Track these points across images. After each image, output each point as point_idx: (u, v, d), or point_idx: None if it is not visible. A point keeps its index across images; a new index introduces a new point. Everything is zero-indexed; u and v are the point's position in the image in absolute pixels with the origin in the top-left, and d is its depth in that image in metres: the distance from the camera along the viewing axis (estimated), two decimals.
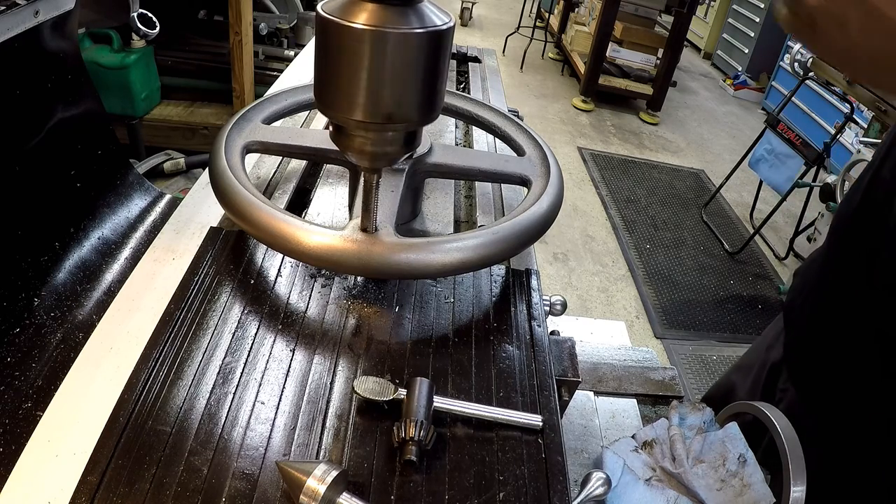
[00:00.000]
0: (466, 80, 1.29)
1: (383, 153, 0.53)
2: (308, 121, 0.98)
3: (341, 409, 0.51)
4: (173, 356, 0.53)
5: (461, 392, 0.54)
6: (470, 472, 0.47)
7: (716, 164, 4.46)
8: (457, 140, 1.03)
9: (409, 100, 0.50)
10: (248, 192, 0.60)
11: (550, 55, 6.20)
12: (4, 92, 0.81)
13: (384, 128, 0.51)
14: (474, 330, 0.60)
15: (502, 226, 0.60)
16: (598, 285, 2.95)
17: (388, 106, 0.49)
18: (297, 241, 0.56)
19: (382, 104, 0.49)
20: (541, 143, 0.77)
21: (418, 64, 0.48)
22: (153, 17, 1.42)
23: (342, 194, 0.80)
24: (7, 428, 0.63)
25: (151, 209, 1.06)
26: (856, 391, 0.83)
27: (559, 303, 0.69)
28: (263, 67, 2.89)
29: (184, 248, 0.69)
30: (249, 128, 0.73)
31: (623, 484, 0.64)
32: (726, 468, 0.69)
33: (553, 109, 4.99)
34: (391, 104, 0.49)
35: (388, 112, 0.49)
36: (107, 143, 1.02)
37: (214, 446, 0.46)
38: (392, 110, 0.49)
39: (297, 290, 0.62)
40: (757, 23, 5.94)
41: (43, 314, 0.80)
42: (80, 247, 0.91)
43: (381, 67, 0.47)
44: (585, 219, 3.50)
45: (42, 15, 0.83)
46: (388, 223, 0.59)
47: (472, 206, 0.83)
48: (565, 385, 0.62)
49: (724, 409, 0.79)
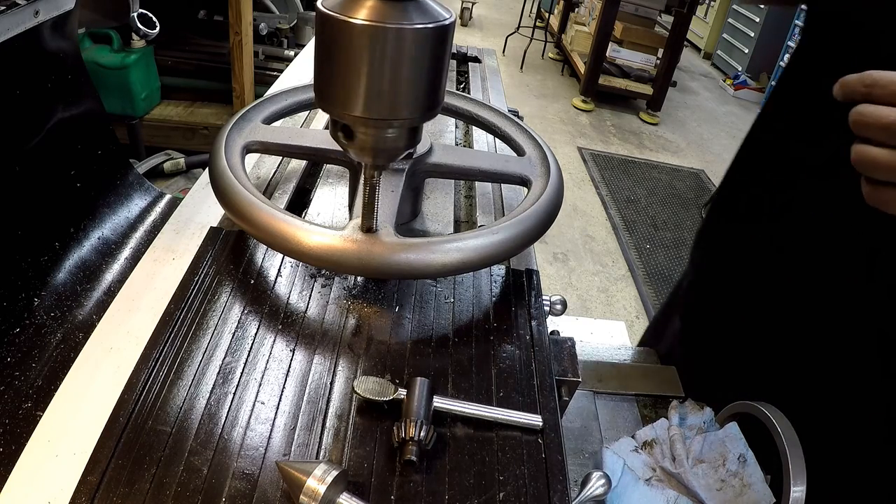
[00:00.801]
0: (466, 80, 1.29)
1: (385, 150, 0.53)
2: (308, 121, 0.98)
3: (341, 409, 0.51)
4: (173, 356, 0.53)
5: (461, 392, 0.54)
6: (470, 472, 0.47)
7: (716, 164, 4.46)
8: (457, 140, 1.03)
9: (410, 96, 0.49)
10: (248, 192, 0.60)
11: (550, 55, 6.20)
12: (4, 92, 0.81)
13: (385, 124, 0.51)
14: (474, 330, 0.60)
15: (502, 226, 0.60)
16: (598, 285, 2.95)
17: (389, 102, 0.49)
18: (297, 241, 0.56)
19: (383, 100, 0.49)
20: (541, 143, 0.77)
21: (419, 59, 0.48)
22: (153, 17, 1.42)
23: (342, 194, 0.80)
24: (7, 428, 0.63)
25: (151, 209, 1.06)
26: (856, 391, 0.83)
27: (559, 303, 0.69)
28: (263, 67, 2.89)
29: (184, 248, 0.69)
30: (249, 128, 0.73)
31: (623, 484, 0.64)
32: (726, 468, 0.69)
33: (553, 109, 4.99)
34: (392, 100, 0.49)
35: (390, 108, 0.49)
36: (107, 143, 1.02)
37: (214, 446, 0.46)
38: (393, 106, 0.49)
39: (297, 290, 0.62)
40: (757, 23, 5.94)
41: (43, 314, 0.80)
42: (80, 247, 0.91)
43: (382, 63, 0.47)
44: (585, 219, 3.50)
45: (42, 15, 0.83)
46: (388, 223, 0.59)
47: (472, 206, 0.83)
48: (565, 385, 0.62)
49: (725, 409, 0.79)
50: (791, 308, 0.83)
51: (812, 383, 0.85)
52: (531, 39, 5.66)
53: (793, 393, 0.83)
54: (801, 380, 0.86)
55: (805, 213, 0.76)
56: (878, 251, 0.73)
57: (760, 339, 0.88)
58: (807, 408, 0.78)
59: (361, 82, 0.48)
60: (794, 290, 0.81)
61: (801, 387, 0.85)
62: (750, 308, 0.88)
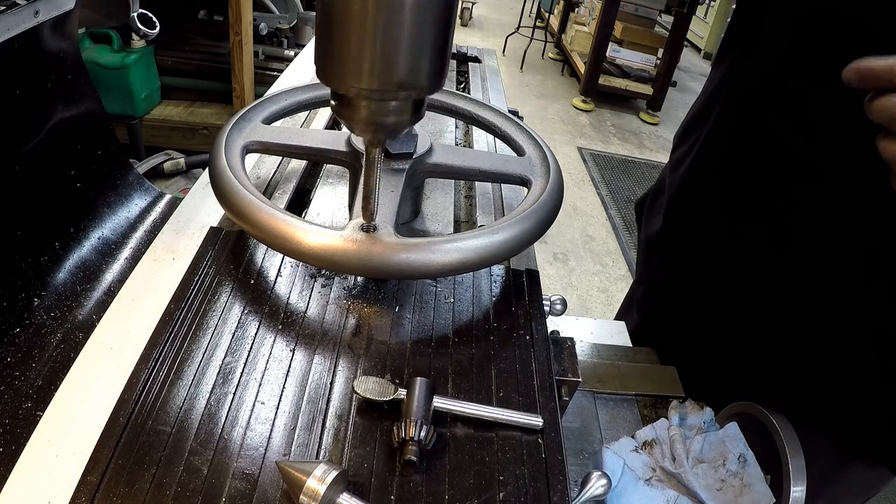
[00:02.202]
0: (466, 80, 1.29)
1: (387, 125, 0.51)
2: (308, 121, 0.98)
3: (341, 409, 0.51)
4: (173, 356, 0.53)
5: (461, 392, 0.54)
6: (470, 472, 0.47)
7: None
8: (457, 140, 1.03)
9: (413, 65, 0.47)
10: (248, 192, 0.60)
11: (550, 55, 6.20)
12: (4, 92, 0.81)
13: (389, 96, 0.48)
14: (474, 330, 0.60)
15: (502, 226, 0.60)
16: (598, 285, 2.95)
17: (392, 72, 0.47)
18: (297, 241, 0.56)
19: (386, 70, 0.46)
20: (541, 143, 0.77)
21: (423, 25, 0.46)
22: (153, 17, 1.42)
23: (342, 194, 0.80)
24: (7, 428, 0.63)
25: (151, 209, 1.06)
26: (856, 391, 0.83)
27: (559, 303, 0.69)
28: (263, 67, 2.89)
29: (184, 248, 0.69)
30: (249, 128, 0.73)
31: (623, 484, 0.64)
32: (726, 468, 0.69)
33: (553, 109, 4.99)
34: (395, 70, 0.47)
35: (393, 79, 0.47)
36: (107, 143, 1.02)
37: (214, 446, 0.46)
38: (396, 77, 0.47)
39: (297, 290, 0.62)
40: None
41: (43, 314, 0.80)
42: (80, 247, 0.91)
43: (384, 29, 0.44)
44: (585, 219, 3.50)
45: (42, 15, 0.83)
46: (388, 223, 0.59)
47: (472, 206, 0.83)
48: (565, 385, 0.62)
49: (725, 409, 0.80)
50: (791, 308, 0.83)
51: (812, 383, 0.85)
52: (531, 39, 5.66)
53: (793, 393, 0.83)
54: (801, 380, 0.86)
55: (805, 212, 0.76)
56: (878, 251, 0.73)
57: (760, 339, 0.88)
58: (807, 408, 0.78)
59: (362, 50, 0.45)
60: (794, 290, 0.81)
61: (801, 387, 0.85)
62: (750, 308, 0.88)
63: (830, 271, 0.77)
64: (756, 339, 0.89)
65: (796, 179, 0.75)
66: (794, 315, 0.83)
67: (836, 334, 0.80)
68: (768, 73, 0.74)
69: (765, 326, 0.87)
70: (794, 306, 0.82)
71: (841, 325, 0.79)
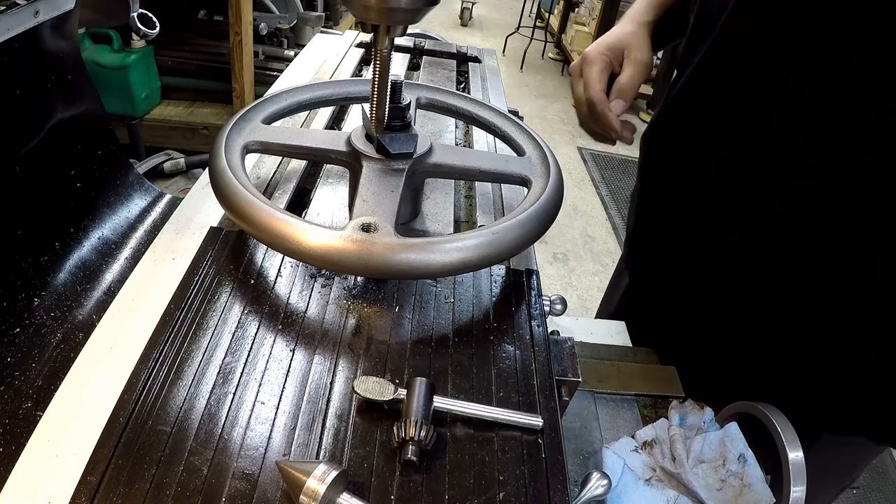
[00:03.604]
0: (466, 80, 1.29)
1: (402, 7, 0.49)
2: (308, 121, 0.98)
3: (341, 409, 0.51)
4: (173, 356, 0.53)
5: (461, 392, 0.54)
6: (470, 472, 0.47)
7: None
8: (457, 140, 1.03)
9: None
10: (248, 192, 0.60)
11: (550, 55, 6.20)
12: (4, 92, 0.81)
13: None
14: (474, 330, 0.60)
15: (502, 226, 0.60)
16: (598, 285, 2.95)
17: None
18: (297, 241, 0.56)
19: None
20: (541, 143, 0.77)
21: None
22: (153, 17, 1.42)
23: (342, 194, 0.80)
24: (7, 428, 0.63)
25: (151, 209, 1.06)
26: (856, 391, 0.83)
27: (559, 302, 0.69)
28: (263, 67, 2.89)
29: (184, 248, 0.69)
30: (249, 128, 0.73)
31: (623, 484, 0.64)
32: (726, 468, 0.69)
33: (553, 109, 4.99)
34: None
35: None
36: (107, 143, 1.02)
37: (214, 446, 0.46)
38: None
39: (297, 290, 0.62)
40: None
41: (43, 314, 0.80)
42: (80, 247, 0.91)
43: None
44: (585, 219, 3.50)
45: (42, 15, 0.83)
46: (388, 223, 0.59)
47: (472, 206, 0.83)
48: (565, 385, 0.62)
49: (725, 409, 0.80)
50: (791, 307, 0.83)
51: (812, 383, 0.85)
52: (531, 39, 5.66)
53: (793, 393, 0.83)
54: (801, 380, 0.86)
55: (805, 212, 0.76)
56: (878, 251, 0.73)
57: (760, 338, 0.88)
58: (807, 408, 0.78)
59: None
60: (794, 290, 0.81)
61: (801, 387, 0.85)
62: (750, 308, 0.88)
63: (830, 271, 0.77)
64: (756, 338, 0.89)
65: (796, 179, 0.75)
66: (794, 315, 0.83)
67: (835, 334, 0.80)
68: (768, 73, 0.74)
69: (765, 326, 0.87)
70: (794, 306, 0.82)
71: (841, 325, 0.79)
